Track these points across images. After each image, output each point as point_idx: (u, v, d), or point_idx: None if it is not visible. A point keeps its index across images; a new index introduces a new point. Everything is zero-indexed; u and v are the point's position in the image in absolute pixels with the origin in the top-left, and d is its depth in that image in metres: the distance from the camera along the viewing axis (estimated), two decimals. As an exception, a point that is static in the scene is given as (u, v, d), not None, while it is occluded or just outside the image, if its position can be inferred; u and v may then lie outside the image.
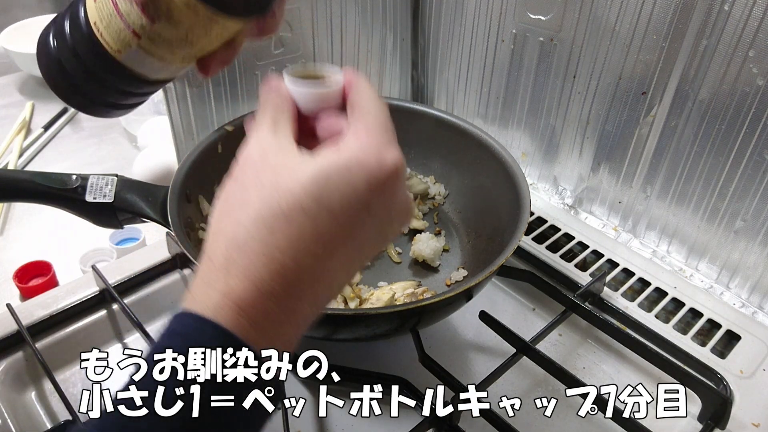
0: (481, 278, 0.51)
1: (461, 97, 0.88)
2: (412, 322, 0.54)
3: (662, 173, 0.69)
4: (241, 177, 0.33)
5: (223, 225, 0.32)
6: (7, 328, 0.59)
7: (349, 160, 0.32)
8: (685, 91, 0.63)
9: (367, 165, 0.32)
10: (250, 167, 0.33)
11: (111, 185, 0.56)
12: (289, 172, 0.32)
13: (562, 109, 0.75)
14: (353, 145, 0.33)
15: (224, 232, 0.32)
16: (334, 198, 0.31)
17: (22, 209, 0.87)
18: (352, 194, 0.32)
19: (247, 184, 0.32)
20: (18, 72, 1.22)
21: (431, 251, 0.65)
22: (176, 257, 0.68)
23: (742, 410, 0.55)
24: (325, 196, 0.31)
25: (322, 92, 0.39)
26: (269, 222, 0.31)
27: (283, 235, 0.30)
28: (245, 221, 0.31)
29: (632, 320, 0.61)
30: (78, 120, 1.10)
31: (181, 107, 0.68)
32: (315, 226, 0.31)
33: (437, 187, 0.73)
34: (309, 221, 0.31)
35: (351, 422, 0.53)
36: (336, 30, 0.78)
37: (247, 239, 0.30)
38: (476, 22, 0.80)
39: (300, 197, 0.31)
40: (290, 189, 0.31)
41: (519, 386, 0.58)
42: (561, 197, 0.82)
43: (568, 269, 0.69)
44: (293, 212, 0.31)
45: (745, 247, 0.65)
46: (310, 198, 0.31)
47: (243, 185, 0.33)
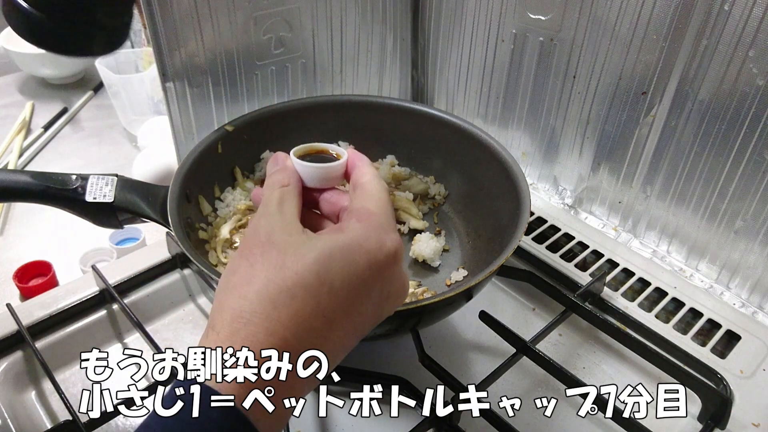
0: (481, 278, 0.51)
1: (461, 97, 0.88)
2: (412, 322, 0.54)
3: (662, 173, 0.69)
4: (248, 254, 0.35)
5: (229, 299, 0.33)
6: (7, 328, 0.59)
7: (352, 241, 0.35)
8: (685, 91, 0.63)
9: (369, 248, 0.35)
10: (257, 246, 0.35)
11: (111, 185, 0.56)
12: (294, 252, 0.34)
13: (562, 109, 0.75)
14: (356, 228, 0.36)
15: (230, 305, 0.33)
16: (336, 277, 0.33)
17: (22, 209, 0.87)
18: (353, 274, 0.34)
19: (254, 261, 0.34)
20: (18, 72, 1.22)
21: (431, 251, 0.65)
22: (176, 257, 0.68)
23: (742, 410, 0.55)
24: (327, 275, 0.33)
25: (326, 170, 0.42)
26: (274, 297, 0.32)
27: (286, 310, 0.32)
28: (251, 296, 0.32)
29: (632, 320, 0.61)
30: (78, 120, 1.10)
31: (181, 107, 0.68)
32: (317, 303, 0.33)
33: (437, 187, 0.73)
34: (311, 298, 0.33)
35: (351, 422, 0.53)
36: (336, 30, 0.78)
37: (252, 313, 0.32)
38: (476, 22, 0.80)
39: (304, 276, 0.33)
40: (295, 269, 0.33)
41: (519, 386, 0.58)
42: (561, 197, 0.82)
43: (568, 269, 0.69)
44: (296, 289, 0.32)
45: (745, 247, 0.65)
46: (313, 276, 0.33)
47: (250, 262, 0.34)
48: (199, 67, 0.67)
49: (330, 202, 0.42)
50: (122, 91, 0.99)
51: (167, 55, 0.63)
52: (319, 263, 0.33)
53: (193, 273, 0.68)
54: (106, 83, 1.02)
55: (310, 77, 0.79)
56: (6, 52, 1.14)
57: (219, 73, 0.69)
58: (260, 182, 0.69)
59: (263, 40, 0.71)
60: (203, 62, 0.67)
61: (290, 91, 0.77)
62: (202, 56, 0.67)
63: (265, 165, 0.70)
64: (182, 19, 0.63)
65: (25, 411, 0.55)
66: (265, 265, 0.33)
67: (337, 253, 0.34)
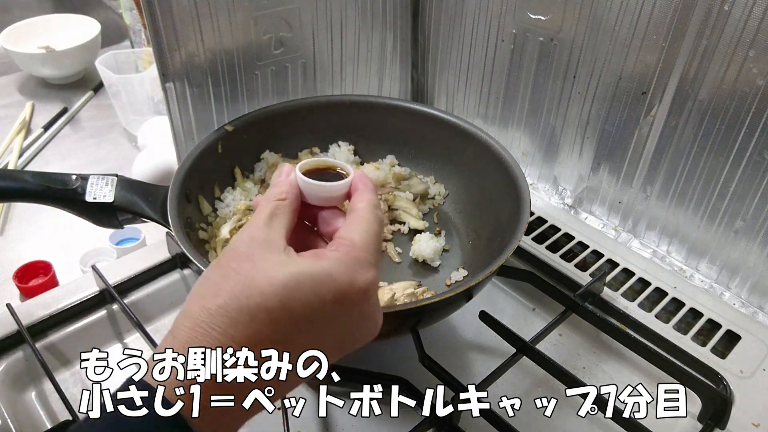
0: (481, 278, 0.51)
1: (461, 97, 0.88)
2: (412, 322, 0.54)
3: (662, 173, 0.69)
4: (224, 265, 0.35)
5: (194, 307, 0.33)
6: (7, 328, 0.59)
7: (323, 271, 0.34)
8: (685, 91, 0.63)
9: (338, 281, 0.34)
10: (234, 258, 0.35)
11: (111, 185, 0.56)
12: (266, 271, 0.34)
13: (562, 109, 0.75)
14: (332, 258, 0.35)
15: (192, 314, 0.33)
16: (297, 305, 0.33)
17: (22, 209, 0.87)
18: (317, 305, 0.34)
19: (226, 273, 0.34)
20: (18, 72, 1.22)
21: (431, 251, 0.65)
22: (176, 257, 0.68)
23: (742, 410, 0.55)
24: (290, 301, 0.33)
25: (327, 190, 0.41)
26: (234, 315, 0.32)
27: (244, 329, 0.32)
28: (213, 309, 0.32)
29: (632, 320, 0.61)
30: (78, 120, 1.10)
31: (181, 107, 0.68)
32: (274, 328, 0.33)
33: (437, 187, 0.73)
34: (270, 322, 0.33)
35: (351, 422, 0.53)
36: (336, 30, 0.78)
37: (210, 326, 0.32)
38: (476, 22, 0.80)
39: (268, 298, 0.33)
40: (261, 288, 0.33)
41: (519, 386, 0.58)
42: (561, 197, 0.82)
43: (568, 269, 0.69)
44: (257, 311, 0.32)
45: (745, 247, 0.65)
46: (276, 300, 0.33)
47: (222, 274, 0.34)
48: (199, 67, 0.67)
49: (326, 222, 0.42)
50: (122, 91, 0.99)
51: (167, 55, 0.63)
52: (286, 288, 0.33)
53: (193, 273, 0.68)
54: (106, 83, 1.02)
55: (310, 77, 0.79)
56: (6, 52, 1.14)
57: (219, 73, 0.69)
58: (260, 182, 0.69)
59: (263, 40, 0.71)
60: (203, 62, 0.67)
61: (290, 91, 0.77)
62: (202, 56, 0.67)
63: (265, 165, 0.70)
64: (182, 19, 0.63)
65: (25, 411, 0.55)
66: (236, 279, 0.33)
67: (306, 281, 0.34)
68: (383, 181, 0.71)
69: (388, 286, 0.61)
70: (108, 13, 1.37)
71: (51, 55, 1.13)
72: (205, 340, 0.32)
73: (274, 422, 0.50)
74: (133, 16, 1.13)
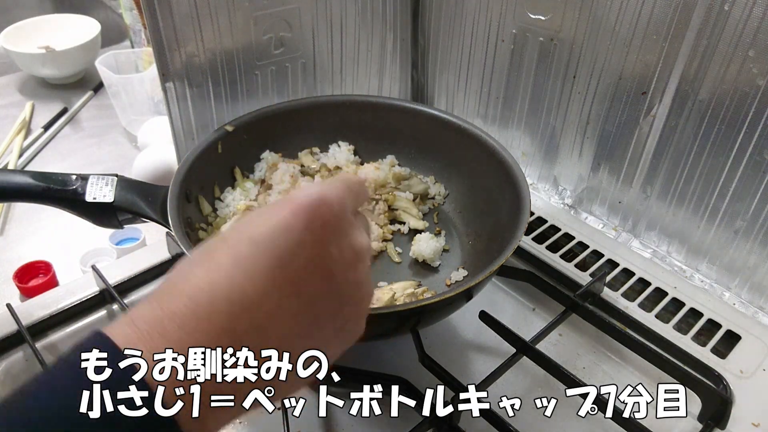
0: (481, 278, 0.51)
1: (461, 97, 0.88)
2: (412, 322, 0.54)
3: (662, 173, 0.69)
4: (213, 248, 0.34)
5: (183, 285, 0.32)
6: (7, 328, 0.59)
7: (282, 202, 0.34)
8: (685, 91, 0.63)
9: (293, 198, 0.34)
10: (235, 242, 0.33)
11: (111, 185, 0.56)
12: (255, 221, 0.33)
13: (562, 109, 0.75)
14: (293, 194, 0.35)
15: (183, 291, 0.32)
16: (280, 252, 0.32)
17: (22, 209, 0.87)
18: (291, 239, 0.33)
19: (214, 256, 0.33)
20: (18, 72, 1.22)
21: (431, 251, 0.65)
22: (176, 257, 0.68)
23: (742, 410, 0.55)
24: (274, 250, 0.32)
25: None
26: (209, 246, 0.33)
27: (221, 256, 0.32)
28: (197, 299, 0.31)
29: (632, 320, 0.61)
30: (78, 120, 1.10)
31: (181, 107, 0.68)
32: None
33: (437, 187, 0.73)
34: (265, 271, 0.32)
35: (351, 422, 0.53)
36: (336, 30, 0.78)
37: (183, 317, 0.31)
38: (476, 22, 0.80)
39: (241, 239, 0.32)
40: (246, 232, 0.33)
41: (519, 386, 0.58)
42: (561, 197, 0.82)
43: (568, 269, 0.69)
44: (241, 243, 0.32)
45: (745, 247, 0.65)
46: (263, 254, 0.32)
47: (211, 256, 0.33)
48: (199, 67, 0.67)
49: None
50: (122, 91, 0.99)
51: (167, 55, 0.64)
52: (264, 239, 0.32)
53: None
54: (106, 83, 1.02)
55: (310, 77, 0.79)
56: (6, 52, 1.14)
57: (219, 73, 0.69)
58: (260, 182, 0.69)
59: (263, 40, 0.71)
60: (203, 62, 0.67)
61: (290, 91, 0.78)
62: (202, 56, 0.67)
63: (265, 165, 0.70)
64: (182, 19, 0.63)
65: (25, 411, 0.55)
66: (223, 263, 0.32)
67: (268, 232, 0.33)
68: (383, 181, 0.71)
69: (388, 286, 0.61)
70: (108, 13, 1.37)
71: (51, 55, 1.13)
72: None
73: (274, 422, 0.50)
74: (133, 16, 1.13)
